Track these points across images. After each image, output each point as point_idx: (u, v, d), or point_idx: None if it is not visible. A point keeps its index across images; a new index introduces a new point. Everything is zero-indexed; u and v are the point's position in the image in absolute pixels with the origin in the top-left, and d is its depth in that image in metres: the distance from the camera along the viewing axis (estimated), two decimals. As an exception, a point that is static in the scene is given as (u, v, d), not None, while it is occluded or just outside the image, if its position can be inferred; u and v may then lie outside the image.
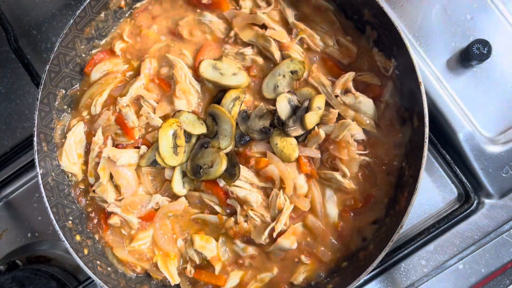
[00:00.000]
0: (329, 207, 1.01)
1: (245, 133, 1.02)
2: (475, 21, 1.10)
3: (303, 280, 1.01)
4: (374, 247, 0.96)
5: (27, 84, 1.26)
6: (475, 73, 1.09)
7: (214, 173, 0.98)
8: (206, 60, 1.04)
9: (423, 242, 1.09)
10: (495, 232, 1.08)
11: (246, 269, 1.02)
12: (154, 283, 1.06)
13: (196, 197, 1.03)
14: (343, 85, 1.01)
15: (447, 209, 1.11)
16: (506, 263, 1.07)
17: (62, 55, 1.02)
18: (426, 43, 1.11)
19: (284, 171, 0.99)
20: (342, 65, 1.04)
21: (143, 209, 1.03)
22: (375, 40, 1.02)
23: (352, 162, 0.99)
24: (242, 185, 0.99)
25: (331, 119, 0.99)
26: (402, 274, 1.09)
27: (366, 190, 1.01)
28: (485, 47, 1.05)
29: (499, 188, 1.07)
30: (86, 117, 1.07)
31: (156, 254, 1.04)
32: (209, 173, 0.98)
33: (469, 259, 1.08)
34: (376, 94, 1.01)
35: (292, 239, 0.98)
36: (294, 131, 0.99)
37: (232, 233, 1.00)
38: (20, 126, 1.28)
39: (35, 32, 1.30)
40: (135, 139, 1.04)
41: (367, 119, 1.00)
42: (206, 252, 1.00)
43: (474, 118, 1.09)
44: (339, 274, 0.99)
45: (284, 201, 0.99)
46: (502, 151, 1.07)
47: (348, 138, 0.98)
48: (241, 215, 1.00)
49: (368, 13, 0.99)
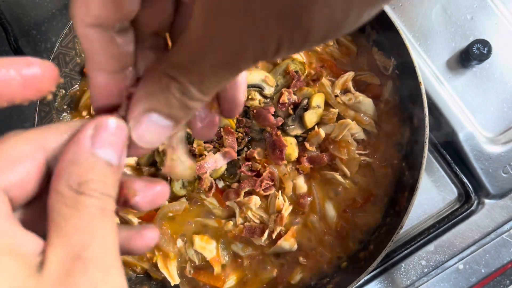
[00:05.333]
0: (329, 207, 1.01)
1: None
2: (475, 21, 1.10)
3: (302, 281, 1.01)
4: (374, 247, 0.96)
5: (27, 84, 1.26)
6: (475, 73, 1.09)
7: (214, 173, 0.98)
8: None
9: (423, 242, 1.09)
10: (495, 232, 1.08)
11: (245, 269, 1.02)
12: (154, 283, 1.06)
13: (196, 198, 1.03)
14: (342, 84, 1.01)
15: (447, 209, 1.11)
16: (506, 263, 1.07)
17: (62, 55, 1.02)
18: (426, 43, 1.11)
19: (284, 171, 0.99)
20: (342, 65, 1.04)
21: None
22: (375, 39, 1.02)
23: (352, 162, 0.99)
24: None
25: (331, 118, 0.99)
26: (402, 274, 1.08)
27: (366, 190, 1.01)
28: (485, 47, 1.05)
29: (499, 188, 1.07)
30: (86, 117, 1.07)
31: (156, 254, 1.04)
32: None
33: (469, 259, 1.08)
34: (375, 93, 1.01)
35: (292, 241, 0.98)
36: (294, 130, 0.99)
37: (232, 236, 1.00)
38: (20, 126, 1.28)
39: (35, 32, 1.30)
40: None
41: (367, 118, 1.00)
42: (206, 252, 1.00)
43: (474, 118, 1.08)
44: (339, 274, 0.99)
45: (283, 202, 0.99)
46: (502, 151, 1.07)
47: (348, 137, 0.98)
48: (240, 217, 1.00)
49: (368, 13, 0.99)
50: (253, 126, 1.01)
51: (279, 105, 0.99)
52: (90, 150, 0.32)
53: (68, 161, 0.31)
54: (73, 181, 0.30)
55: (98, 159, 0.32)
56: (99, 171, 0.32)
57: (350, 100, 1.00)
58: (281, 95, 0.99)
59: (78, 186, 0.30)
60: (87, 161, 0.31)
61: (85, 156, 0.31)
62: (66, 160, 0.31)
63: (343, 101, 1.00)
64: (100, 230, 0.30)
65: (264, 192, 0.97)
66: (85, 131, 0.33)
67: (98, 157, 0.32)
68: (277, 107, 1.00)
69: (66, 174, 0.31)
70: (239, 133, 1.00)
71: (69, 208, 0.30)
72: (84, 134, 0.32)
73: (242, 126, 1.01)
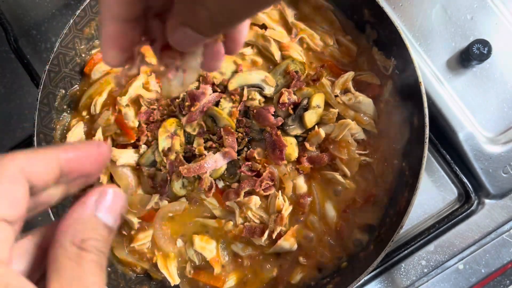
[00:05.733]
0: (329, 207, 1.01)
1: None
2: (475, 21, 1.10)
3: (302, 281, 1.01)
4: (374, 247, 0.96)
5: (26, 84, 1.26)
6: (475, 73, 1.09)
7: (214, 173, 0.98)
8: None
9: (423, 242, 1.09)
10: (495, 232, 1.08)
11: (245, 269, 1.02)
12: (154, 283, 1.06)
13: (196, 198, 1.03)
14: (342, 84, 1.01)
15: (447, 209, 1.11)
16: (506, 263, 1.07)
17: (62, 55, 1.02)
18: (426, 43, 1.11)
19: (284, 171, 0.99)
20: (342, 65, 1.04)
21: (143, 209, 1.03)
22: (375, 39, 1.02)
23: (352, 162, 0.99)
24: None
25: (331, 118, 0.99)
26: (402, 274, 1.08)
27: (366, 190, 1.01)
28: (485, 47, 1.05)
29: (499, 188, 1.07)
30: (86, 117, 1.07)
31: (156, 254, 1.04)
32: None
33: (469, 259, 1.08)
34: (376, 93, 1.01)
35: (292, 241, 0.98)
36: (294, 130, 0.99)
37: (232, 236, 1.00)
38: (20, 126, 1.28)
39: (35, 32, 1.30)
40: (135, 138, 1.04)
41: (367, 118, 1.00)
42: (206, 252, 1.00)
43: (474, 118, 1.08)
44: (339, 274, 0.99)
45: (283, 202, 0.99)
46: (502, 151, 1.07)
47: (348, 137, 0.98)
48: (240, 217, 0.99)
49: (368, 13, 0.99)
50: (253, 126, 1.01)
51: (279, 105, 0.99)
52: (93, 213, 0.38)
53: (73, 220, 0.37)
54: (77, 237, 0.36)
55: (99, 221, 0.38)
56: (100, 231, 0.37)
57: (350, 100, 1.00)
58: (281, 95, 0.99)
59: (81, 243, 0.36)
60: (90, 222, 0.37)
61: (89, 218, 0.37)
62: (72, 218, 0.37)
63: (343, 101, 1.00)
64: (95, 281, 0.35)
65: (264, 192, 0.97)
66: (91, 196, 0.39)
67: (100, 220, 0.38)
68: (277, 107, 1.00)
69: (71, 230, 0.36)
70: (239, 133, 1.00)
71: (71, 261, 0.35)
72: (89, 198, 0.38)
73: (242, 126, 1.01)
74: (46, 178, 0.37)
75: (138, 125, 1.03)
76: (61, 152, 0.39)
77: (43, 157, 0.37)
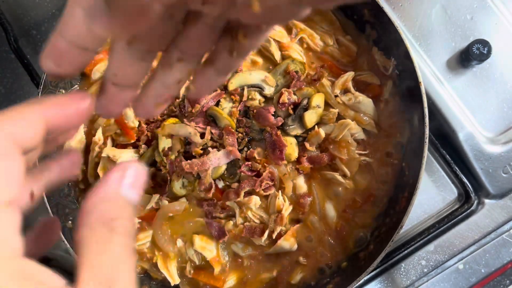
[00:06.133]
0: (329, 207, 1.01)
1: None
2: (475, 21, 1.10)
3: (302, 281, 1.01)
4: (374, 247, 0.96)
5: (26, 84, 1.26)
6: (475, 73, 1.09)
7: (214, 173, 0.98)
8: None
9: (423, 242, 1.09)
10: (495, 232, 1.08)
11: (245, 269, 1.02)
12: (154, 283, 1.06)
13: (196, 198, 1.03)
14: (342, 85, 1.01)
15: (447, 209, 1.11)
16: (506, 263, 1.07)
17: (62, 55, 1.01)
18: (426, 43, 1.11)
19: (284, 171, 0.99)
20: (342, 65, 1.04)
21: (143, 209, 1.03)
22: (375, 39, 1.02)
23: (352, 162, 0.99)
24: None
25: (331, 118, 0.99)
26: (402, 274, 1.08)
27: (366, 190, 1.01)
28: (485, 47, 1.05)
29: (499, 188, 1.07)
30: (86, 117, 1.07)
31: (156, 254, 1.04)
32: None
33: (469, 259, 1.08)
34: (375, 93, 1.02)
35: (292, 241, 0.98)
36: (294, 130, 0.99)
37: (232, 236, 1.00)
38: (20, 126, 1.28)
39: (35, 32, 1.30)
40: (135, 138, 1.04)
41: (367, 118, 1.00)
42: (206, 252, 1.00)
43: (474, 118, 1.09)
44: (339, 274, 0.99)
45: (283, 202, 0.99)
46: (502, 151, 1.07)
47: (348, 137, 0.98)
48: (240, 217, 0.99)
49: (368, 13, 0.99)
50: (253, 126, 1.01)
51: (279, 105, 0.99)
52: (118, 190, 0.35)
53: (99, 199, 0.34)
54: (105, 217, 0.33)
55: (125, 199, 0.35)
56: (127, 210, 0.35)
57: (350, 100, 1.00)
58: (281, 95, 0.99)
59: (110, 222, 0.33)
60: (116, 200, 0.35)
61: (115, 196, 0.35)
62: (98, 197, 0.34)
63: (343, 101, 1.00)
64: (125, 267, 0.33)
65: (264, 192, 0.97)
66: (114, 173, 0.36)
67: (125, 197, 0.35)
68: (277, 107, 1.00)
69: (98, 210, 0.34)
70: (239, 133, 1.00)
71: (99, 245, 0.32)
72: (113, 175, 0.36)
73: (242, 126, 1.01)
74: (35, 141, 0.35)
75: (138, 125, 1.03)
76: (46, 109, 0.36)
77: (30, 117, 0.35)
